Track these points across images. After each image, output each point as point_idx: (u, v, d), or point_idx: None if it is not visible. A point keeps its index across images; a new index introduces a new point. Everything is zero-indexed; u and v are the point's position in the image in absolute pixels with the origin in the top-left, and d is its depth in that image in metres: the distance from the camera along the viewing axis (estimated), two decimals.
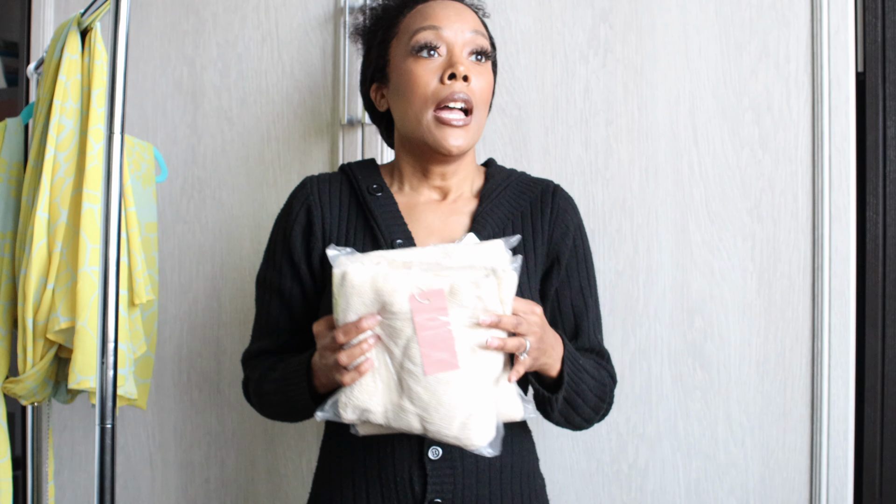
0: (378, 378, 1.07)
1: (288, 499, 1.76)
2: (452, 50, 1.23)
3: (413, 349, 1.05)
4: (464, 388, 1.05)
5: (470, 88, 1.21)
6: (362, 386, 1.07)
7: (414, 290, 1.03)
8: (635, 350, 1.58)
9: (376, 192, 1.28)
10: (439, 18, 1.24)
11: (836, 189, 1.48)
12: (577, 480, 1.60)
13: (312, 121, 1.76)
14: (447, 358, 1.04)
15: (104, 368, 1.18)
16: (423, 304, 1.03)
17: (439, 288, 1.03)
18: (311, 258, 1.27)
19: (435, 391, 1.05)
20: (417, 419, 1.06)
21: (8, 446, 1.57)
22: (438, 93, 1.21)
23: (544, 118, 1.63)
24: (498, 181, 1.31)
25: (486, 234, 1.24)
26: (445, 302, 1.03)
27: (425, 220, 1.27)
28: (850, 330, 1.47)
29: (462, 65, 1.21)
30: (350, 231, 1.27)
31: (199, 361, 1.83)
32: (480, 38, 1.25)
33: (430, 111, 1.21)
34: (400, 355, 1.06)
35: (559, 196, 1.31)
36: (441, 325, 1.04)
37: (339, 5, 1.72)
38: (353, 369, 1.06)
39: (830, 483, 1.47)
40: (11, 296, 1.55)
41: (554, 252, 1.28)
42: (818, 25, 1.49)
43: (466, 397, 1.05)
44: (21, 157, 1.63)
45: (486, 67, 1.25)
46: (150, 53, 1.86)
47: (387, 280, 1.04)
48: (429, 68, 1.22)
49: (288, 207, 1.31)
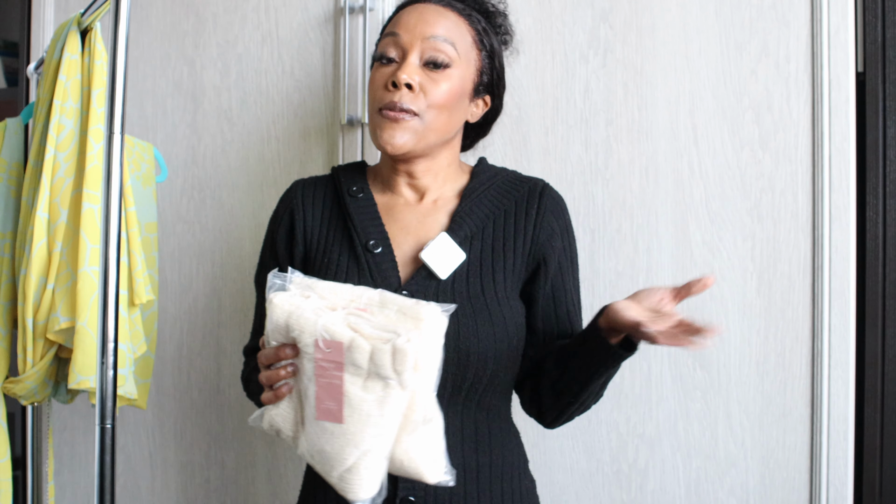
0: (292, 405, 1.10)
1: (288, 498, 1.76)
2: (405, 57, 1.24)
3: (312, 390, 1.06)
4: (344, 443, 1.05)
5: (413, 95, 1.22)
6: (279, 408, 1.11)
7: (320, 335, 1.04)
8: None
9: (356, 193, 1.30)
10: (400, 25, 1.26)
11: (836, 189, 1.48)
12: (577, 480, 1.60)
13: (312, 121, 1.76)
14: (334, 410, 1.05)
15: (104, 368, 1.18)
16: (325, 351, 1.04)
17: (340, 341, 1.03)
18: (294, 260, 1.30)
19: (320, 437, 1.06)
20: (310, 456, 1.09)
21: (8, 446, 1.57)
22: (381, 99, 1.24)
23: (544, 118, 1.63)
24: (482, 180, 1.31)
25: (462, 234, 1.25)
26: (343, 357, 1.03)
27: (402, 220, 1.28)
28: (850, 330, 1.47)
29: (405, 73, 1.22)
30: (329, 233, 1.29)
31: (199, 361, 1.83)
32: (442, 44, 1.24)
33: (375, 115, 1.25)
34: (303, 392, 1.08)
35: (546, 196, 1.30)
36: (335, 377, 1.04)
37: (339, 5, 1.72)
38: (273, 391, 1.10)
39: (830, 483, 1.47)
40: (11, 296, 1.55)
41: (539, 254, 1.27)
42: (818, 25, 1.49)
43: (345, 452, 1.05)
44: (21, 157, 1.63)
45: (442, 75, 1.24)
46: (150, 53, 1.86)
47: (299, 320, 1.05)
48: (382, 74, 1.25)
49: (276, 211, 1.36)
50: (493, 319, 1.21)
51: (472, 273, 1.24)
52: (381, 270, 1.23)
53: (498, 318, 1.21)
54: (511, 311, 1.24)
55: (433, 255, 1.23)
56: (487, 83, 1.32)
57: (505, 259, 1.25)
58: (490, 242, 1.26)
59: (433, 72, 1.24)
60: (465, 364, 1.19)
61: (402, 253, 1.26)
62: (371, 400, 1.04)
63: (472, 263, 1.24)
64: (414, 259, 1.25)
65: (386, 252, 1.25)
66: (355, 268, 1.24)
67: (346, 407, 1.04)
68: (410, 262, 1.25)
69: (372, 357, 1.02)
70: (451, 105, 1.26)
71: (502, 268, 1.25)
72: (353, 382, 1.04)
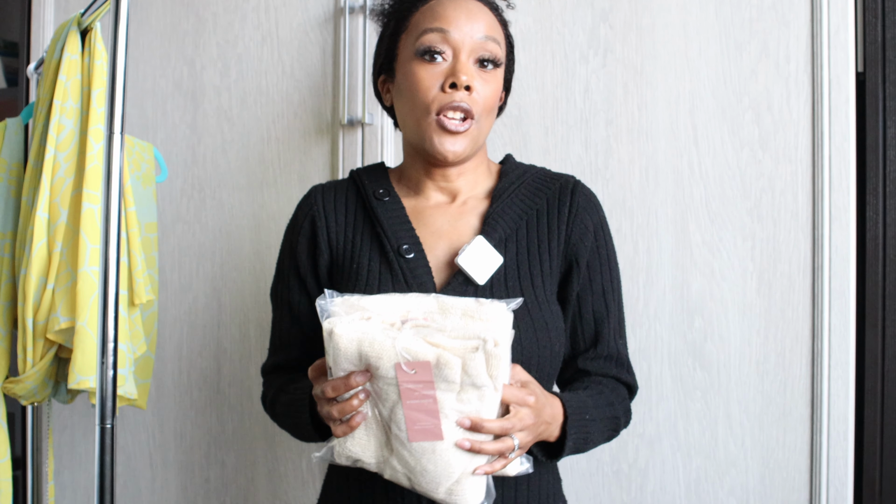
0: (370, 432, 1.06)
1: (288, 498, 1.76)
2: (458, 56, 1.17)
3: (399, 413, 1.02)
4: (449, 457, 1.02)
5: (472, 97, 1.17)
6: (355, 438, 1.06)
7: (401, 357, 0.99)
8: (635, 350, 1.57)
9: (383, 196, 1.24)
10: (448, 20, 1.18)
11: (836, 189, 1.48)
12: (577, 480, 1.60)
13: (312, 121, 1.76)
14: (432, 429, 1.01)
15: (104, 368, 1.18)
16: (409, 373, 0.99)
17: (426, 360, 0.99)
18: (318, 271, 1.25)
19: (420, 459, 1.03)
20: (406, 479, 1.06)
21: (8, 446, 1.57)
22: (439, 100, 1.16)
23: (544, 118, 1.63)
24: (511, 179, 1.26)
25: (497, 236, 1.20)
26: (432, 375, 0.99)
27: (434, 224, 1.23)
28: (850, 330, 1.47)
29: (465, 73, 1.16)
30: (357, 238, 1.23)
31: (199, 361, 1.83)
32: (490, 43, 1.18)
33: (430, 117, 1.17)
34: (387, 417, 1.04)
35: (579, 193, 1.24)
36: (426, 397, 1.00)
37: (339, 5, 1.72)
38: (345, 422, 1.05)
39: (830, 483, 1.47)
40: (11, 296, 1.55)
41: (573, 254, 1.22)
42: (818, 25, 1.49)
43: (451, 466, 1.03)
44: (21, 157, 1.63)
45: (492, 74, 1.19)
46: (150, 53, 1.86)
47: (373, 345, 1.00)
48: (432, 73, 1.17)
49: (293, 219, 1.29)
50: (535, 325, 1.16)
51: (510, 277, 1.19)
52: (416, 276, 1.18)
53: (540, 323, 1.17)
54: (552, 316, 1.19)
55: (470, 259, 1.17)
56: (507, 79, 1.28)
57: (541, 261, 1.20)
58: (525, 244, 1.21)
59: (484, 72, 1.18)
60: None
61: (436, 258, 1.20)
62: (468, 410, 1.01)
63: (510, 267, 1.19)
64: (448, 264, 1.20)
65: (419, 257, 1.19)
66: (388, 274, 1.19)
67: (444, 423, 1.01)
68: (445, 268, 1.20)
69: (465, 369, 0.99)
70: (495, 105, 1.22)
71: (539, 271, 1.20)
72: (447, 398, 1.01)
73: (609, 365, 1.24)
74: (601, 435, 1.19)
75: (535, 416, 1.06)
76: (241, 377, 1.81)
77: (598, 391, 1.20)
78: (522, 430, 1.04)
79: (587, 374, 1.23)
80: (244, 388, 1.80)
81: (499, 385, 1.01)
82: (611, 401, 1.21)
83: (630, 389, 1.26)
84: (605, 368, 1.24)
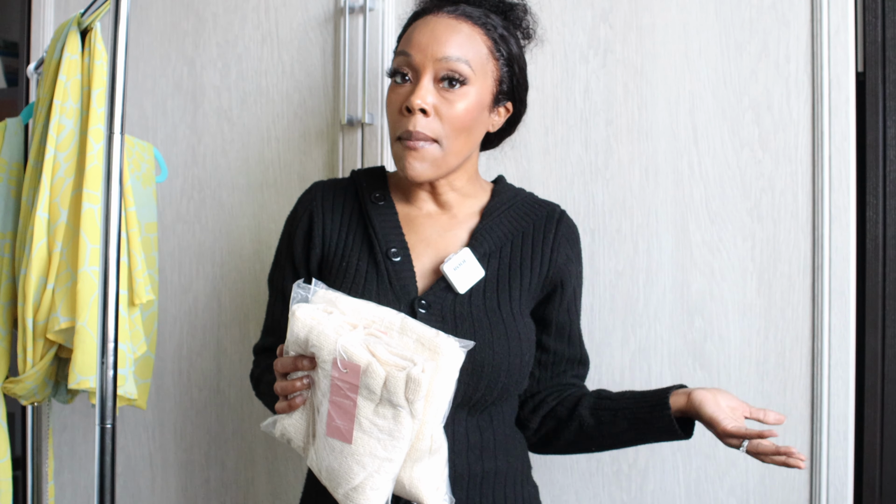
0: (305, 416, 1.12)
1: (288, 498, 1.76)
2: (420, 79, 1.20)
3: (325, 406, 1.07)
4: (352, 462, 1.06)
5: (430, 120, 1.19)
6: (292, 418, 1.12)
7: (338, 354, 1.05)
8: (635, 350, 1.58)
9: (378, 200, 1.30)
10: (412, 44, 1.21)
11: (836, 189, 1.48)
12: (577, 480, 1.60)
13: (312, 121, 1.76)
14: (344, 430, 1.06)
15: (104, 368, 1.18)
16: (342, 372, 1.05)
17: (357, 364, 1.04)
18: (310, 263, 1.30)
19: (328, 454, 1.08)
20: (317, 469, 1.11)
21: (8, 446, 1.57)
22: (396, 125, 1.21)
23: (544, 118, 1.63)
24: (503, 200, 1.32)
25: (482, 250, 1.26)
26: (358, 380, 1.04)
27: (423, 232, 1.29)
28: (850, 330, 1.47)
29: (419, 97, 1.18)
30: (349, 238, 1.28)
31: (199, 361, 1.83)
32: (455, 62, 1.19)
33: (394, 139, 1.22)
34: (317, 406, 1.10)
35: (564, 223, 1.33)
36: (349, 398, 1.05)
37: (339, 5, 1.72)
38: (287, 401, 1.11)
39: (830, 483, 1.47)
40: (11, 296, 1.55)
41: (557, 278, 1.30)
42: (818, 25, 1.49)
43: (352, 471, 1.06)
44: (21, 157, 1.63)
45: (459, 94, 1.20)
46: (150, 53, 1.86)
47: (319, 336, 1.06)
48: (397, 95, 1.22)
49: (294, 211, 1.34)
50: (508, 334, 1.23)
51: (489, 289, 1.25)
52: (400, 279, 1.23)
53: (513, 332, 1.23)
54: (525, 328, 1.26)
55: (454, 268, 1.24)
56: (507, 91, 1.28)
57: (521, 278, 1.27)
58: (507, 261, 1.28)
59: (448, 91, 1.20)
60: (479, 375, 1.20)
61: (421, 264, 1.26)
62: (381, 425, 1.05)
63: (490, 280, 1.26)
64: (433, 271, 1.26)
65: (405, 262, 1.25)
66: (374, 274, 1.24)
67: (357, 429, 1.05)
68: (429, 274, 1.26)
69: (386, 384, 1.03)
70: (469, 124, 1.22)
71: (518, 286, 1.27)
72: (366, 406, 1.05)
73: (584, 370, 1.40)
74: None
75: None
76: (241, 377, 1.80)
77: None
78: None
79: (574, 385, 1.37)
80: (244, 388, 1.80)
81: (417, 412, 1.04)
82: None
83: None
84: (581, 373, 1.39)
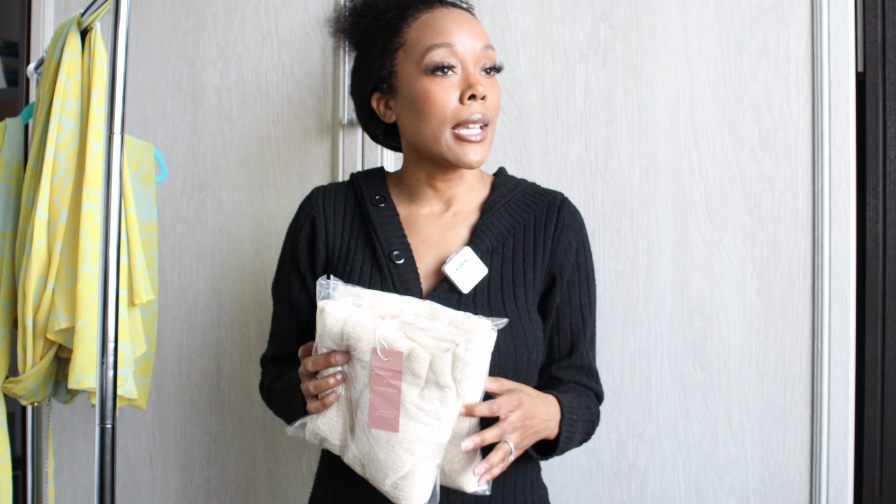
0: (340, 413, 1.11)
1: (288, 498, 1.76)
2: (467, 68, 1.22)
3: (365, 397, 1.07)
4: (400, 450, 1.06)
5: (486, 106, 1.22)
6: (325, 417, 1.12)
7: (378, 343, 1.05)
8: (635, 350, 1.58)
9: (379, 202, 1.30)
10: (450, 34, 1.22)
11: (836, 189, 1.48)
12: (577, 480, 1.60)
13: (312, 121, 1.76)
14: (390, 418, 1.06)
15: (104, 368, 1.18)
16: (383, 360, 1.05)
17: (399, 350, 1.05)
18: (316, 268, 1.30)
19: (374, 445, 1.08)
20: (360, 465, 1.10)
21: (8, 446, 1.57)
22: (458, 114, 1.21)
23: (544, 118, 1.63)
24: (503, 192, 1.31)
25: (484, 248, 1.25)
26: (402, 365, 1.05)
27: (425, 232, 1.28)
28: (850, 330, 1.47)
29: (481, 85, 1.20)
30: (352, 242, 1.28)
31: (199, 361, 1.83)
32: (491, 51, 1.24)
33: (449, 129, 1.21)
34: (355, 400, 1.09)
35: (565, 211, 1.30)
36: (392, 386, 1.06)
37: (339, 5, 1.72)
38: (319, 400, 1.11)
39: (830, 483, 1.47)
40: (11, 296, 1.55)
41: (556, 268, 1.28)
42: (818, 25, 1.49)
43: (401, 460, 1.06)
44: (21, 157, 1.63)
45: (496, 80, 1.26)
46: (150, 53, 1.86)
47: (356, 327, 1.07)
48: (445, 87, 1.21)
49: (296, 218, 1.34)
50: (514, 334, 1.21)
51: (493, 287, 1.24)
52: (404, 281, 1.23)
53: (518, 332, 1.22)
54: (531, 325, 1.25)
55: (455, 268, 1.23)
56: None
57: (525, 273, 1.26)
58: (510, 256, 1.27)
59: (490, 78, 1.24)
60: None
61: (424, 265, 1.26)
62: (428, 409, 1.05)
63: (493, 277, 1.25)
64: (436, 272, 1.25)
65: (409, 263, 1.25)
66: (378, 277, 1.24)
67: (403, 416, 1.05)
68: (433, 275, 1.25)
69: (432, 366, 1.04)
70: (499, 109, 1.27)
71: (522, 282, 1.26)
72: (411, 392, 1.05)
73: (581, 375, 1.31)
74: (581, 436, 1.26)
75: (525, 417, 1.11)
76: (241, 377, 1.80)
77: (578, 394, 1.28)
78: (513, 431, 1.10)
79: (560, 381, 1.30)
80: (244, 388, 1.80)
81: (462, 392, 1.05)
82: (588, 405, 1.29)
83: (598, 398, 1.34)
84: (576, 377, 1.30)
